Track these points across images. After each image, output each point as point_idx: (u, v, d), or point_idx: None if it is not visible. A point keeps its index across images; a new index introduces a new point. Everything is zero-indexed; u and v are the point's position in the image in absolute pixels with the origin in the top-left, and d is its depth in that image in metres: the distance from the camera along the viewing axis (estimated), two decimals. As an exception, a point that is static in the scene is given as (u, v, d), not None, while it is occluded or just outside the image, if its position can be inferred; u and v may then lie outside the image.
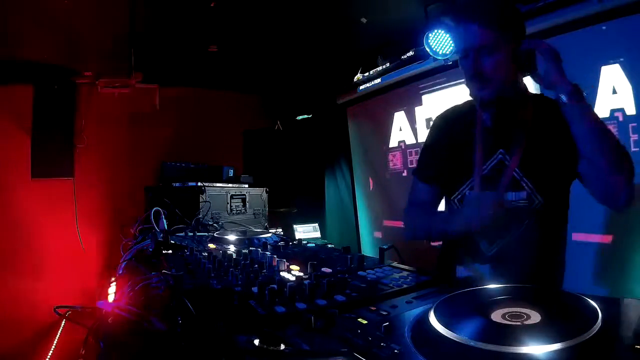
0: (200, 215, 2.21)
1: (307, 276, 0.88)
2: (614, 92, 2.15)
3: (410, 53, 3.15)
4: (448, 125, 1.38)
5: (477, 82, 1.17)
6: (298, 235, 4.03)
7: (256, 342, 0.54)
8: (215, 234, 1.58)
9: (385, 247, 1.11)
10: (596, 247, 2.25)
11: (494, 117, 1.24)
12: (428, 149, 1.42)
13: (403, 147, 3.61)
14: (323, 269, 0.94)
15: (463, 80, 1.24)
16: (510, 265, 1.15)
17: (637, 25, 2.01)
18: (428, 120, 3.34)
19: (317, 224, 4.28)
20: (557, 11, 2.31)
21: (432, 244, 1.52)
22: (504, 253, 1.18)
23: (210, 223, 2.15)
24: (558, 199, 1.21)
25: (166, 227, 1.84)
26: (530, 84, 1.28)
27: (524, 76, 1.24)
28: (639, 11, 1.99)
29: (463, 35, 1.16)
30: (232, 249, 1.33)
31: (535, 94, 1.29)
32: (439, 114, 1.45)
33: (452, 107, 1.43)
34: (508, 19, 1.15)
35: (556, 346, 0.45)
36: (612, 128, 2.17)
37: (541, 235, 1.16)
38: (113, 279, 1.37)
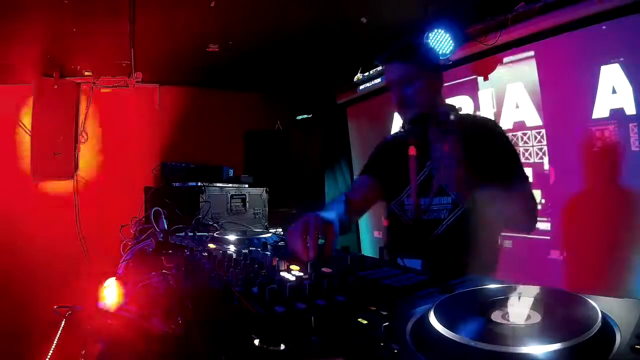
0: (200, 215, 2.21)
1: (307, 276, 0.88)
2: (614, 91, 2.15)
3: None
4: (388, 146, 1.67)
5: (403, 107, 1.46)
6: (298, 235, 4.02)
7: (256, 342, 0.54)
8: (215, 234, 1.58)
9: (385, 247, 1.11)
10: (596, 247, 2.25)
11: (423, 135, 1.44)
12: (374, 154, 1.71)
13: (403, 147, 3.61)
14: (323, 269, 0.94)
15: (461, 79, 1.42)
16: (440, 258, 1.34)
17: (637, 25, 2.02)
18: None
19: (317, 224, 4.27)
20: (557, 11, 2.31)
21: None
22: (434, 248, 1.40)
23: (210, 223, 2.15)
24: (483, 204, 1.34)
25: (166, 227, 1.83)
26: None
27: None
28: (639, 11, 1.99)
29: (389, 72, 1.48)
30: (232, 249, 1.33)
31: (462, 114, 1.47)
32: (385, 137, 1.75)
33: (394, 134, 1.72)
34: (421, 55, 1.46)
35: (556, 346, 0.44)
36: (612, 128, 2.17)
37: (464, 235, 1.31)
38: (113, 279, 1.36)
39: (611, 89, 2.16)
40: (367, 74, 3.70)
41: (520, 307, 0.56)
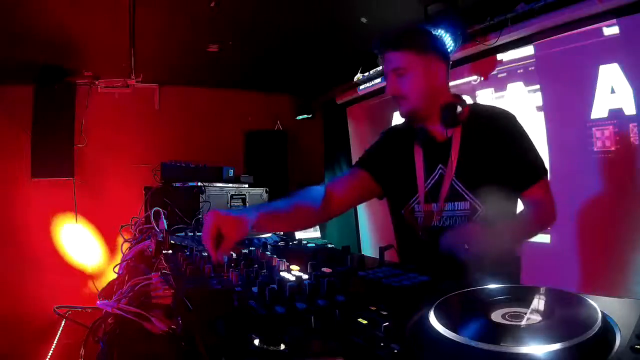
0: (200, 215, 2.20)
1: (307, 276, 0.88)
2: (613, 91, 2.15)
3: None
4: (393, 138, 1.50)
5: (397, 100, 1.33)
6: (298, 235, 4.03)
7: (256, 342, 0.54)
8: (215, 234, 1.57)
9: (385, 247, 1.11)
10: (597, 247, 2.25)
11: (428, 135, 1.36)
12: (376, 148, 1.53)
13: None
14: (323, 269, 0.94)
15: (461, 80, 1.34)
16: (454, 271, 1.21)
17: (637, 25, 2.02)
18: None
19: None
20: (557, 11, 2.31)
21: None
22: (449, 259, 1.24)
23: (210, 223, 2.14)
24: (503, 207, 1.26)
25: (166, 227, 1.83)
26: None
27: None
28: (639, 11, 1.99)
29: (382, 60, 1.35)
30: (232, 249, 1.32)
31: (474, 105, 1.37)
32: (387, 128, 1.59)
33: (396, 125, 1.57)
34: (420, 44, 1.31)
35: (556, 346, 0.45)
36: (611, 128, 2.17)
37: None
38: (113, 279, 1.36)
39: (610, 89, 2.16)
40: (367, 74, 3.70)
41: (520, 307, 0.56)
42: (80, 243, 3.87)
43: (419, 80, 1.29)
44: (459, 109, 1.29)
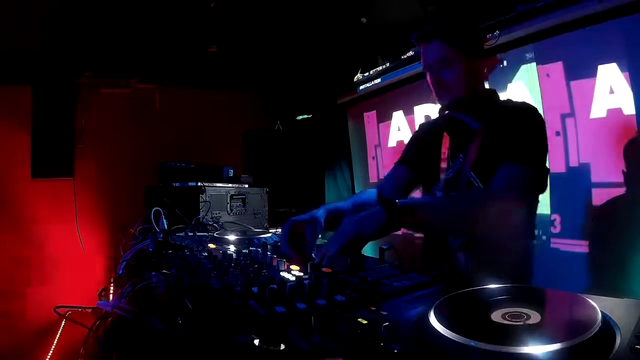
0: (200, 215, 2.20)
1: (307, 276, 0.88)
2: (611, 91, 2.15)
3: (410, 53, 3.15)
4: (424, 133, 1.59)
5: (439, 92, 1.35)
6: (298, 235, 4.01)
7: (256, 342, 0.54)
8: (215, 234, 1.58)
9: (385, 247, 1.11)
10: (596, 247, 2.25)
11: (456, 124, 1.40)
12: (411, 142, 1.63)
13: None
14: (323, 269, 0.94)
15: None
16: (474, 258, 1.27)
17: (637, 25, 2.01)
18: (427, 119, 3.34)
19: (317, 224, 4.26)
20: (557, 11, 2.31)
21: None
22: (466, 248, 1.31)
23: (210, 223, 2.15)
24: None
25: (166, 227, 1.83)
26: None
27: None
28: (639, 11, 1.99)
29: (426, 52, 1.35)
30: (232, 249, 1.33)
31: (502, 100, 1.42)
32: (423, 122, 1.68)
33: (432, 119, 1.64)
34: (463, 36, 1.34)
35: (556, 346, 0.45)
36: (610, 128, 2.17)
37: (498, 232, 1.17)
38: (113, 279, 1.36)
39: (609, 89, 2.16)
40: (367, 74, 3.70)
41: (520, 307, 0.56)
42: (80, 243, 3.87)
43: (463, 71, 1.32)
44: (489, 101, 1.34)
